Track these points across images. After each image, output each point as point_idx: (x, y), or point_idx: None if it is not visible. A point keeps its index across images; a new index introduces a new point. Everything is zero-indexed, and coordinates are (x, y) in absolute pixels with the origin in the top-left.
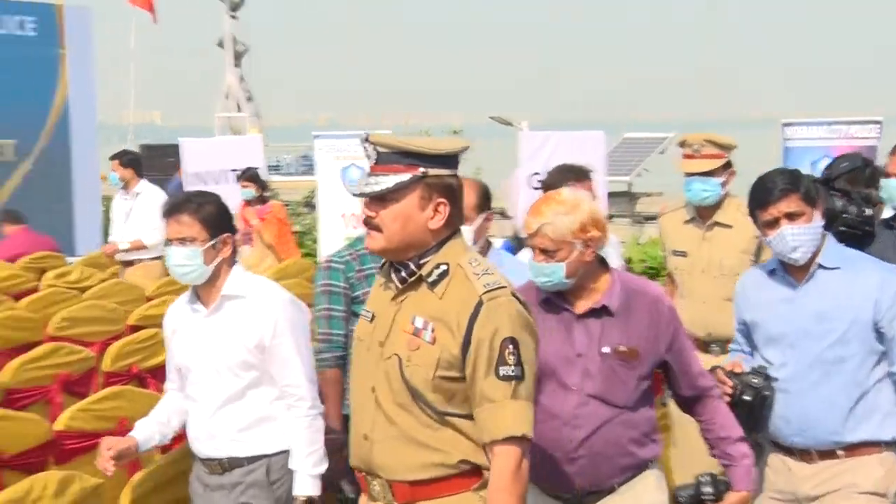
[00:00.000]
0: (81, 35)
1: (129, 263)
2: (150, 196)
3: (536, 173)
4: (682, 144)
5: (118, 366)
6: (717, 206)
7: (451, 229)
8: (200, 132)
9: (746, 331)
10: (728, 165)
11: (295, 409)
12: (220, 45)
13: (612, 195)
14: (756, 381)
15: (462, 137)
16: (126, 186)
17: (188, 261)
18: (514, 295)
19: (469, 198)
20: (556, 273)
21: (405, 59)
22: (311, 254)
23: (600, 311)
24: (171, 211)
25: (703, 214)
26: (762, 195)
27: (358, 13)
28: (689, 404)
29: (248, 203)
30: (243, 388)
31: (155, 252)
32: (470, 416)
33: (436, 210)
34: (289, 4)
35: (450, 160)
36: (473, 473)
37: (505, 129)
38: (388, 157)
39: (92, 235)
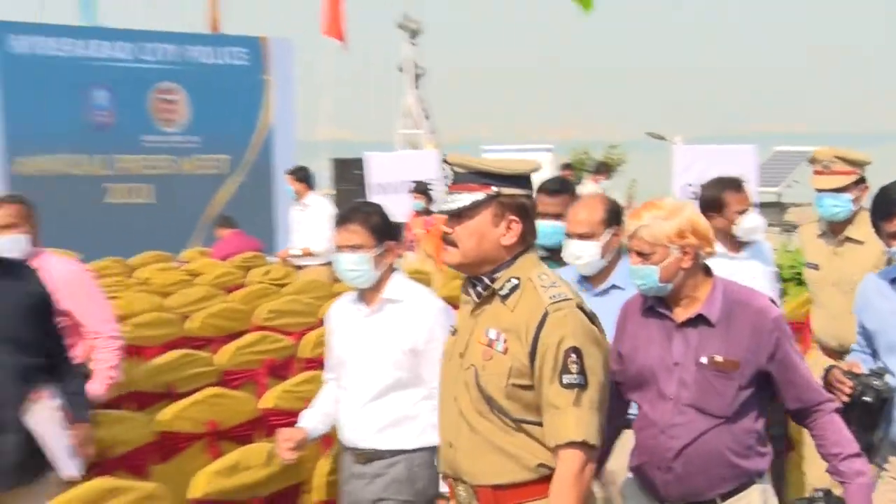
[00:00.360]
0: (283, 64)
1: (300, 267)
2: (319, 207)
3: (690, 185)
4: (813, 161)
5: (313, 353)
6: (848, 221)
7: (524, 245)
8: (383, 147)
9: (867, 335)
10: (861, 181)
11: None
12: (401, 69)
13: (762, 205)
14: (877, 382)
15: (618, 151)
16: (299, 198)
17: (357, 266)
18: (579, 307)
19: (596, 213)
20: (650, 276)
21: (567, 77)
22: None
23: (699, 321)
24: (342, 221)
25: (835, 229)
26: (886, 206)
27: (522, 41)
28: (800, 418)
29: (418, 213)
30: (392, 386)
31: (322, 259)
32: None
33: (508, 227)
34: (461, 29)
35: (522, 180)
36: (551, 479)
37: (660, 143)
38: (465, 177)
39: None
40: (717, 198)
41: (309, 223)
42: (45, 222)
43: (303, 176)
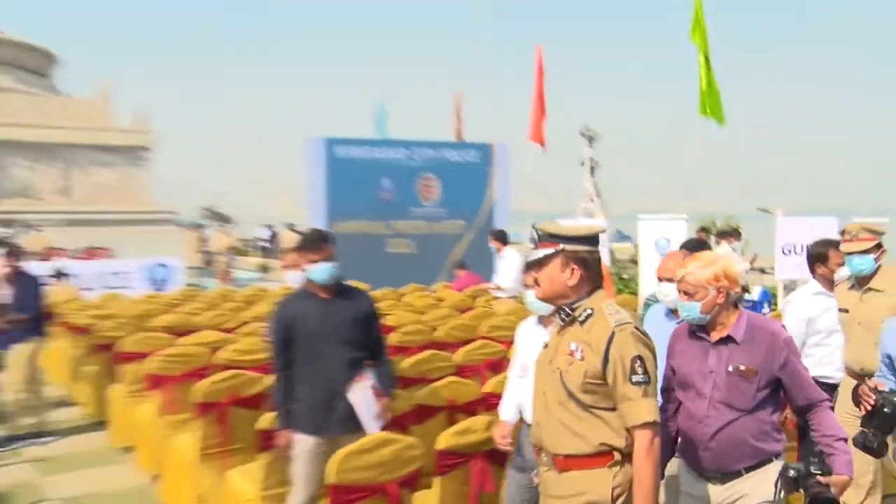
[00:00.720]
0: (503, 159)
1: (495, 298)
2: (511, 258)
3: (789, 246)
4: (843, 232)
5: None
6: (871, 275)
7: (591, 285)
8: (568, 216)
9: (890, 363)
10: (879, 245)
11: None
12: (582, 163)
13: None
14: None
15: (735, 220)
16: (499, 251)
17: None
18: (636, 328)
19: (676, 264)
20: (693, 310)
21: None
22: (633, 293)
23: (728, 340)
24: (527, 267)
25: (861, 282)
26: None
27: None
28: (803, 413)
29: None
30: None
31: (509, 293)
32: (608, 409)
33: (571, 273)
34: (622, 134)
35: (582, 240)
36: (608, 454)
37: (765, 214)
38: (544, 237)
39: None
40: (824, 253)
41: (504, 268)
42: (349, 264)
43: (499, 236)
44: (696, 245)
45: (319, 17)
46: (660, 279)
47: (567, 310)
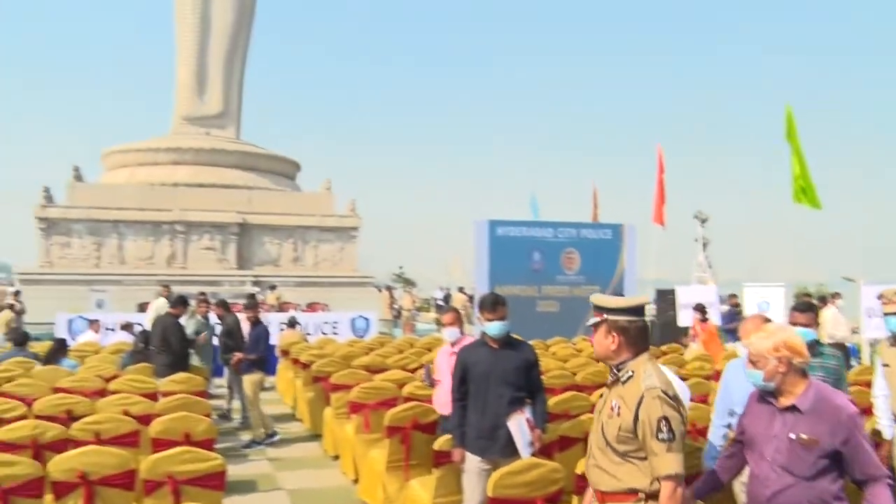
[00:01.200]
0: (631, 237)
1: None
2: None
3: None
4: (881, 297)
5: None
6: None
7: (633, 349)
8: (684, 282)
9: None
10: None
11: None
12: (696, 240)
13: None
14: None
15: (825, 288)
16: None
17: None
18: (663, 391)
19: (754, 327)
20: (756, 377)
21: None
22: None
23: (794, 408)
24: (585, 332)
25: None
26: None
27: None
28: (859, 484)
29: (700, 321)
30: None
31: None
32: (639, 458)
33: (612, 339)
34: (729, 211)
35: (622, 311)
36: (635, 493)
37: (850, 283)
38: (595, 308)
39: None
40: None
41: None
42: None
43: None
44: (806, 307)
45: (483, 119)
46: (742, 340)
47: (614, 370)
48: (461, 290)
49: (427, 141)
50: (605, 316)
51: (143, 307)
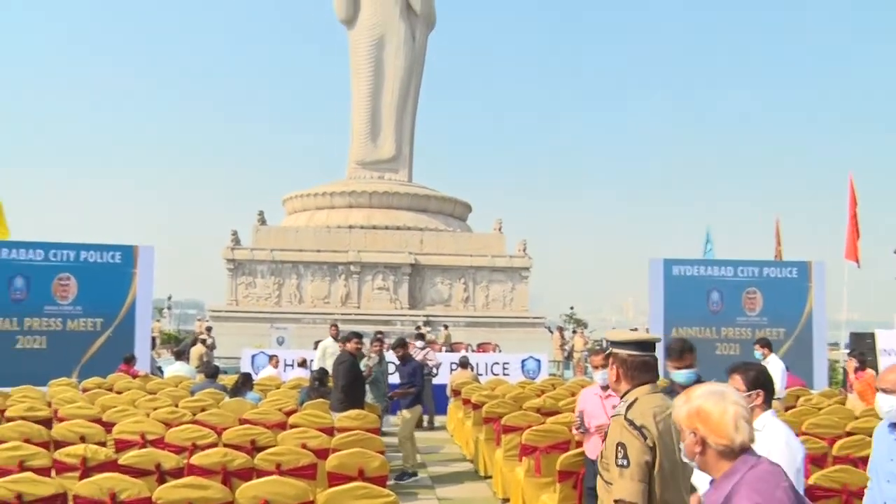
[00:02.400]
0: (820, 274)
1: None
2: (774, 364)
3: None
4: None
5: None
6: None
7: (631, 381)
8: (883, 325)
9: None
10: None
11: None
12: None
13: None
14: None
15: None
16: (764, 356)
17: None
18: (625, 418)
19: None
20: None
21: None
22: None
23: None
24: (733, 370)
25: None
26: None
27: None
28: None
29: (858, 369)
30: None
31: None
32: (610, 483)
33: (615, 370)
34: None
35: (624, 344)
36: None
37: None
38: (608, 342)
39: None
40: None
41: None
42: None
43: (763, 343)
44: None
45: (657, 153)
46: (881, 390)
47: (621, 399)
48: (634, 331)
49: (599, 178)
50: (612, 349)
51: (318, 345)
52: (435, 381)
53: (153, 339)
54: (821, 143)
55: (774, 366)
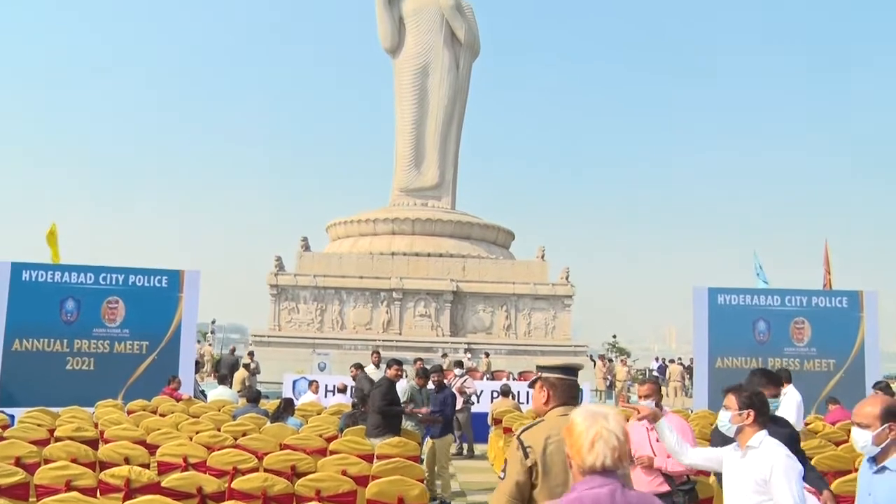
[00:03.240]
0: (872, 305)
1: None
2: (791, 395)
3: None
4: None
5: None
6: None
7: (561, 402)
8: None
9: None
10: None
11: None
12: None
13: None
14: None
15: None
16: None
17: (726, 423)
18: (517, 437)
19: (874, 408)
20: None
21: None
22: None
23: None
24: (728, 391)
25: None
26: None
27: None
28: None
29: None
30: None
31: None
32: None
33: (545, 392)
34: None
35: (555, 369)
36: None
37: None
38: (536, 368)
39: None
40: None
41: (786, 404)
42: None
43: (785, 377)
44: None
45: (700, 180)
46: (856, 424)
47: None
48: (678, 361)
49: (642, 206)
50: (539, 373)
51: None
52: (476, 409)
53: (199, 362)
54: (869, 166)
55: (791, 397)
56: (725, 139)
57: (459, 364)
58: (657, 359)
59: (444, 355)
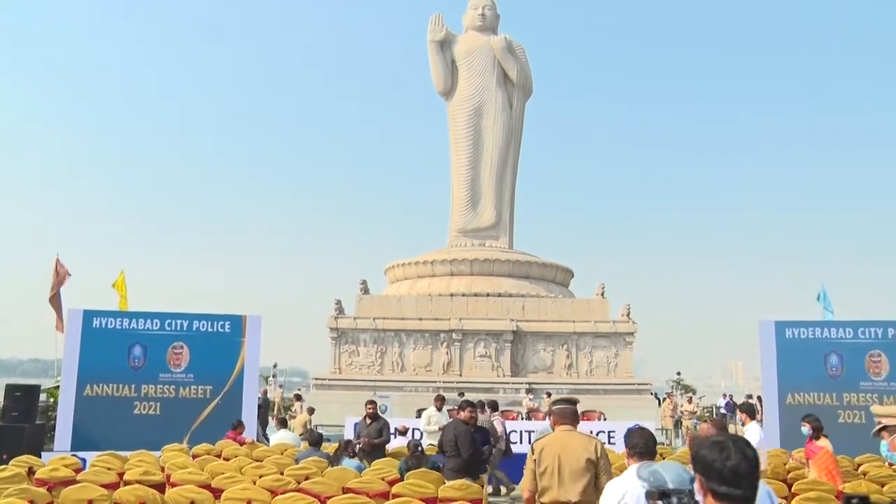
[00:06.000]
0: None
1: None
2: (752, 432)
3: None
4: None
5: None
6: None
7: (563, 424)
8: None
9: None
10: None
11: None
12: None
13: None
14: None
15: None
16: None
17: None
18: (532, 444)
19: None
20: None
21: None
22: None
23: None
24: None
25: None
26: None
27: None
28: None
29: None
30: None
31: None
32: None
33: (553, 419)
34: None
35: (557, 402)
36: None
37: None
38: None
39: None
40: None
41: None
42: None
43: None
44: None
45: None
46: None
47: None
48: (749, 397)
49: (702, 238)
50: (550, 408)
51: (420, 413)
52: (517, 449)
53: (264, 405)
54: None
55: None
56: (795, 167)
57: (494, 406)
58: (724, 395)
59: (461, 393)
